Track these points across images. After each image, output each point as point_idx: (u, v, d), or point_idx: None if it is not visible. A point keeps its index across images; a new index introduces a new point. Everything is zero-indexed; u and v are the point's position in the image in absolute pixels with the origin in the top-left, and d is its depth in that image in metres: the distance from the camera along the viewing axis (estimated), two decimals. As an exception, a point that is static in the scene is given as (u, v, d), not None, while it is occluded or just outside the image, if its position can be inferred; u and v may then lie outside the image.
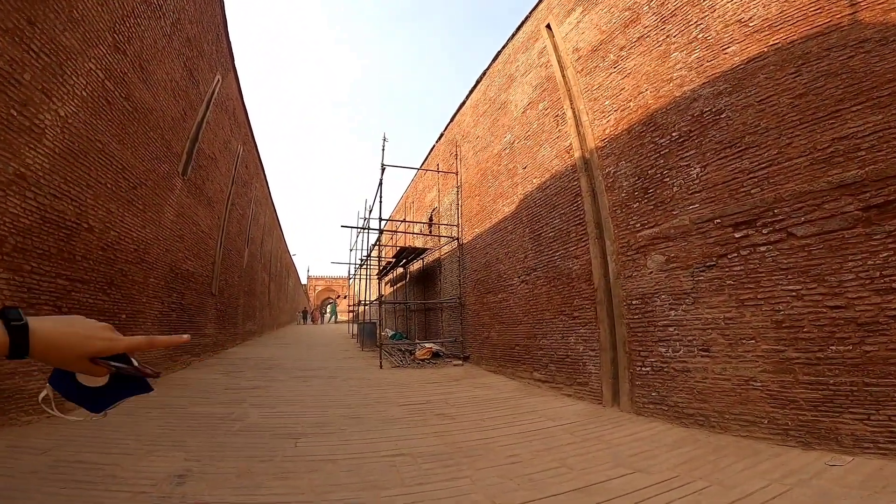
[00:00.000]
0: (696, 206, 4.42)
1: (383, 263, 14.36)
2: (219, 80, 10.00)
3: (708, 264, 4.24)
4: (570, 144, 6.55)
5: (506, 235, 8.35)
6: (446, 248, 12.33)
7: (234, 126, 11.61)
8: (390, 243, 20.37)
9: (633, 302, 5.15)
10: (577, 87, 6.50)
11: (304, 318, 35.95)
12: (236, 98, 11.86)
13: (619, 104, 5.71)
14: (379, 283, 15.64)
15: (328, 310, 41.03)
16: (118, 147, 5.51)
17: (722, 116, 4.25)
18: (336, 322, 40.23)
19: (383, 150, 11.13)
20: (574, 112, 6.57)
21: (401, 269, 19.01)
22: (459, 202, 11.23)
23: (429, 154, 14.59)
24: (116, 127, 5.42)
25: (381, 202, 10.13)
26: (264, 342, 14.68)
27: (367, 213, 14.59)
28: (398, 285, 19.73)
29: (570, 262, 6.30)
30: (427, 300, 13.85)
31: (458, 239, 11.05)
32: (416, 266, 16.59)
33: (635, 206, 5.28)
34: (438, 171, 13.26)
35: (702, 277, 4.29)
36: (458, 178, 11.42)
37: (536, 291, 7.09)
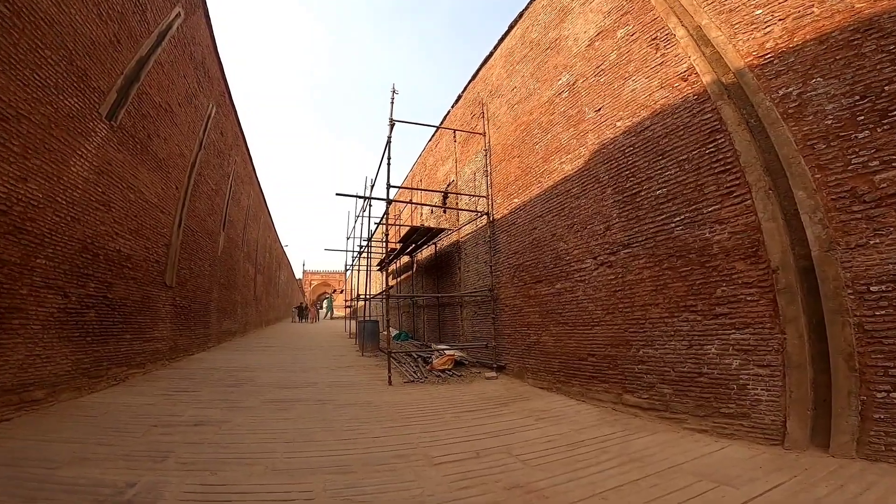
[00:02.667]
0: None
1: (387, 249, 11.92)
2: (180, 14, 7.53)
3: None
4: (689, 68, 4.35)
5: (568, 202, 5.97)
6: (468, 229, 9.93)
7: (204, 80, 9.13)
8: (389, 233, 17.97)
9: (873, 287, 2.82)
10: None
11: (300, 314, 30.20)
12: (207, 46, 9.36)
13: (786, 11, 3.56)
14: (384, 275, 13.29)
15: (324, 304, 38.27)
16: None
17: None
18: (332, 318, 37.82)
19: (392, 103, 8.71)
20: (690, 29, 4.44)
21: (406, 258, 16.62)
22: (489, 168, 8.82)
23: (444, 120, 12.14)
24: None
25: (388, 164, 7.71)
26: (246, 344, 12.24)
27: (370, 187, 12.15)
28: (404, 276, 17.32)
29: (704, 231, 3.95)
30: (442, 293, 11.47)
31: (487, 214, 8.66)
32: (425, 254, 14.19)
33: (862, 135, 2.98)
34: (455, 134, 10.85)
35: None
36: (486, 140, 9.01)
37: (630, 278, 4.74)
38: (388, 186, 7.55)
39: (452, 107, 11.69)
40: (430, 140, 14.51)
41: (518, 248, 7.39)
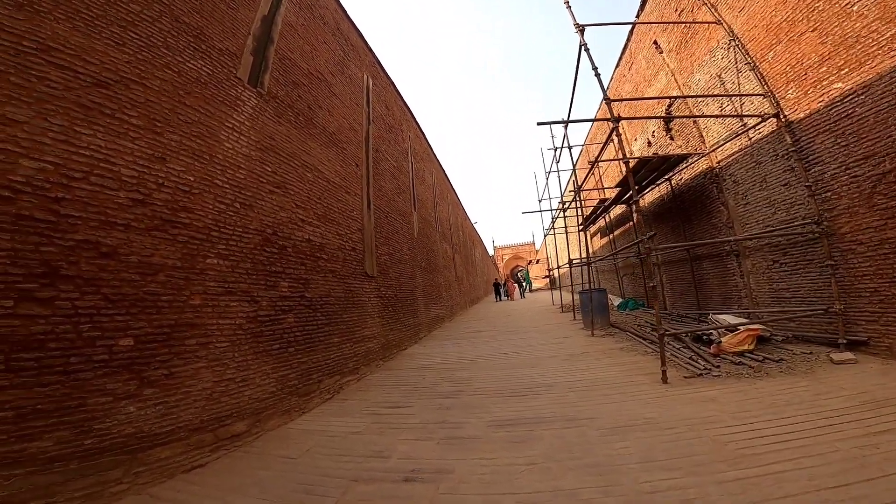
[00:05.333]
0: None
1: (581, 209, 8.99)
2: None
3: None
4: None
5: None
6: (729, 148, 6.31)
7: (348, 48, 7.99)
8: (589, 180, 14.68)
9: None
10: None
11: (497, 292, 26.98)
12: (335, 10, 8.19)
13: None
14: (585, 236, 10.45)
15: (523, 278, 36.97)
16: None
17: None
18: (531, 291, 36.43)
19: (569, 8, 5.84)
20: None
21: (619, 210, 13.20)
22: (751, 61, 5.10)
23: (632, 30, 8.40)
24: None
25: (597, 75, 4.90)
26: (455, 331, 11.29)
27: (561, 140, 9.41)
28: (619, 231, 13.95)
29: None
30: (689, 241, 7.94)
31: (778, 114, 4.98)
32: (647, 199, 10.63)
33: None
34: (655, 44, 7.08)
35: None
36: (726, 28, 5.27)
37: None
38: (608, 100, 4.73)
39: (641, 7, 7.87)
40: (615, 69, 10.89)
41: (875, 150, 3.60)
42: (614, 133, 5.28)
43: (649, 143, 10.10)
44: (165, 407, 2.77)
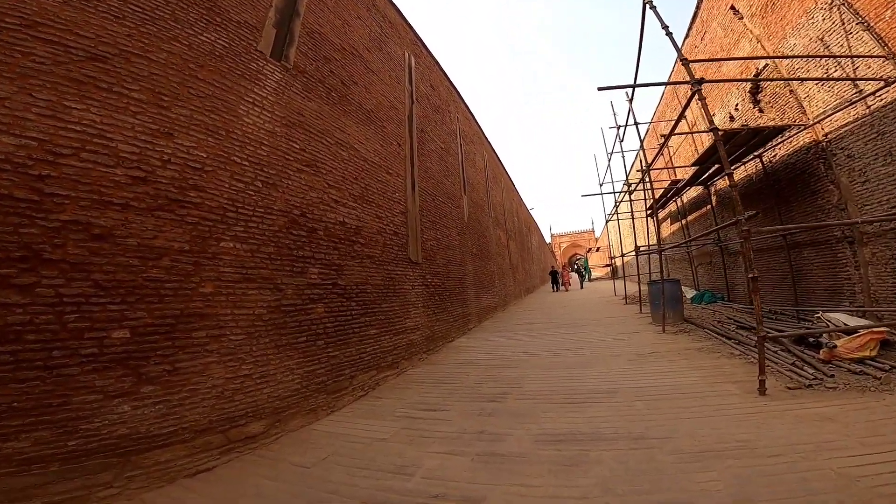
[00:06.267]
0: None
1: (650, 190, 7.79)
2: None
3: None
4: None
5: None
6: (841, 116, 5.12)
7: (385, 25, 7.45)
8: (658, 160, 13.15)
9: None
10: None
11: (555, 280, 24.03)
12: None
13: None
14: (652, 222, 9.23)
15: (584, 266, 34.91)
16: None
17: None
18: (591, 280, 34.49)
19: None
20: None
21: (695, 192, 11.68)
22: (862, 19, 3.90)
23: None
24: None
25: (672, 33, 3.88)
26: (507, 322, 10.60)
27: (626, 117, 8.29)
28: (693, 216, 12.39)
29: None
30: (791, 224, 6.61)
31: None
32: (725, 182, 9.18)
33: None
34: (731, 9, 5.79)
35: None
36: None
37: None
38: (685, 61, 3.88)
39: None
40: (684, 40, 9.47)
41: None
42: (695, 99, 4.32)
43: (731, 118, 8.65)
44: (167, 406, 2.51)
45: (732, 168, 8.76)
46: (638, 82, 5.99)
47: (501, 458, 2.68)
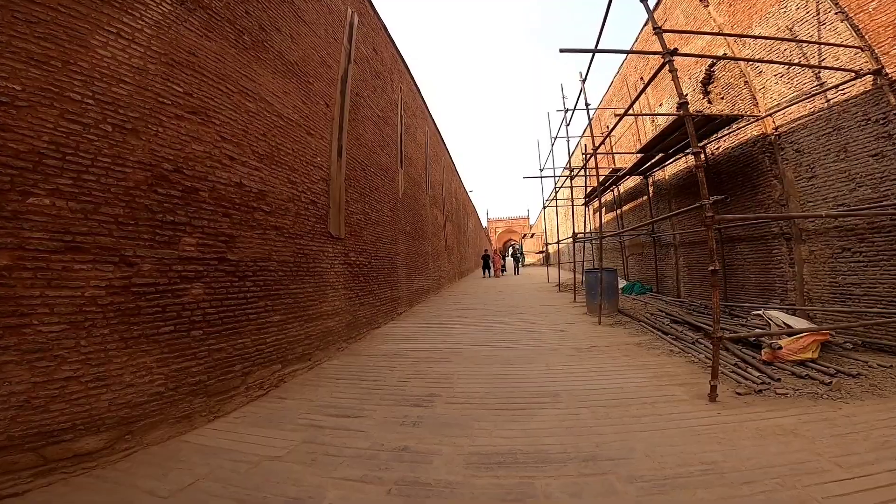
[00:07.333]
0: None
1: (595, 175, 7.71)
2: None
3: None
4: None
5: None
6: (796, 111, 5.18)
7: None
8: (599, 152, 13.34)
9: None
10: None
11: (487, 265, 23.59)
12: None
13: None
14: (588, 211, 9.28)
15: (518, 251, 35.67)
16: None
17: None
18: (524, 266, 35.42)
19: None
20: None
21: (632, 182, 11.99)
22: (840, 8, 3.84)
23: None
24: None
25: None
26: (440, 307, 10.17)
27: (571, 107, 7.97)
28: (629, 206, 12.76)
29: None
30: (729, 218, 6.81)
31: (879, 70, 3.96)
32: (669, 171, 9.45)
33: None
34: None
35: None
36: None
37: None
38: (659, 30, 3.41)
39: None
40: (644, 26, 9.47)
41: None
42: (666, 68, 4.02)
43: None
44: None
45: (671, 161, 8.97)
46: (600, 48, 5.59)
47: (426, 489, 2.14)
